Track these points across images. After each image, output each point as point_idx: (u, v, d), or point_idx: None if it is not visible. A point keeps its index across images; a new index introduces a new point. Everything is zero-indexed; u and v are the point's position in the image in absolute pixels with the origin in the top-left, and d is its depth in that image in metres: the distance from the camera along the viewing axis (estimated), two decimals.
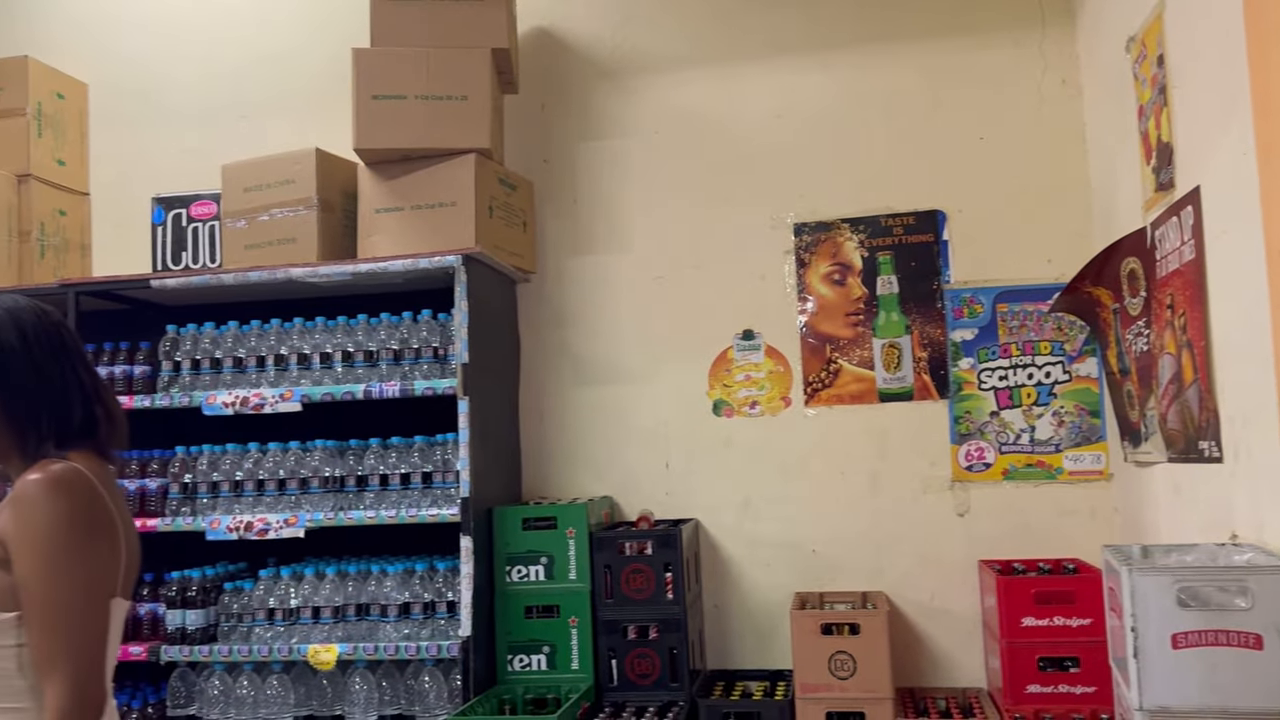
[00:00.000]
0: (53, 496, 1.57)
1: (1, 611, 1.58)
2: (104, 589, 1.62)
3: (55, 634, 1.55)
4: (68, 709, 1.53)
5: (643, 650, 2.98)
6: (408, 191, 3.13)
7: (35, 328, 1.70)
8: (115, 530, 1.65)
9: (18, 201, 3.49)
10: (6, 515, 1.59)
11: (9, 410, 1.66)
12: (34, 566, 1.55)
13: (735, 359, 3.40)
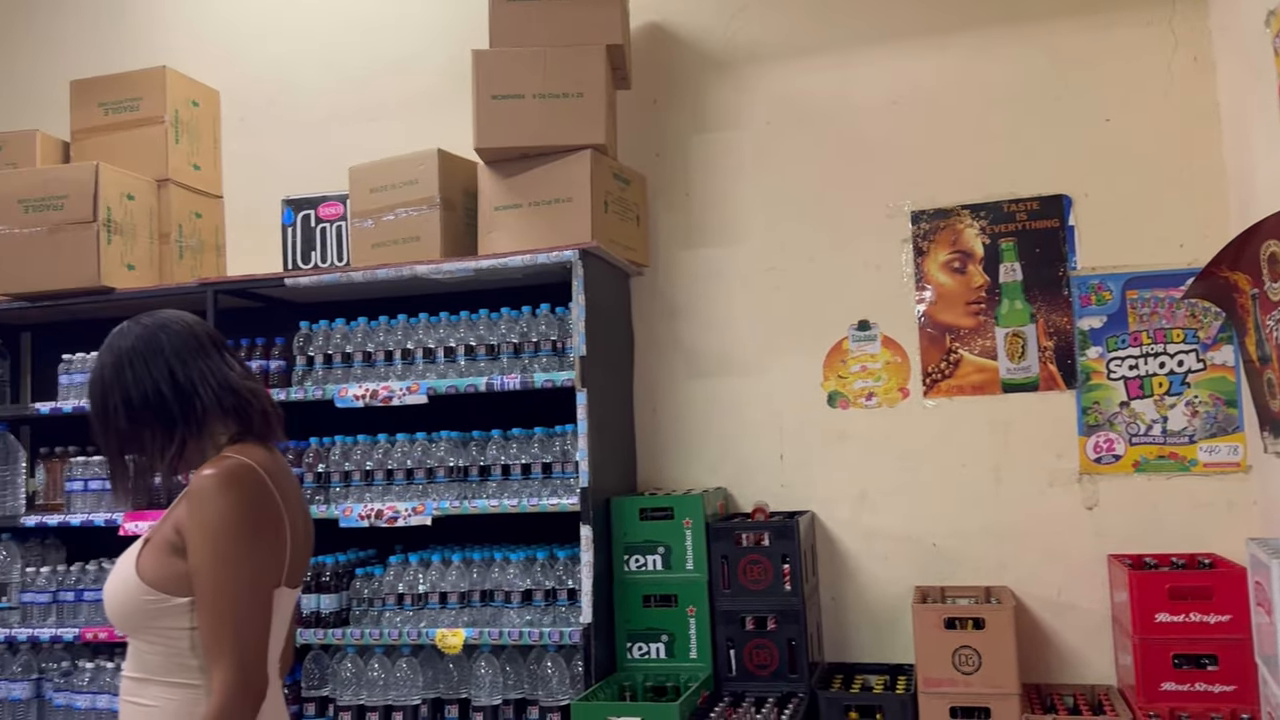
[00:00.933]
0: (223, 491, 1.68)
1: (177, 596, 1.69)
2: (268, 580, 1.72)
3: (222, 622, 1.65)
4: (231, 693, 1.63)
5: (761, 641, 2.99)
6: (525, 188, 3.20)
7: (173, 338, 1.81)
8: (282, 523, 1.75)
9: (158, 205, 3.68)
10: (183, 507, 1.71)
11: (158, 421, 1.77)
12: (204, 557, 1.66)
13: (850, 350, 3.37)
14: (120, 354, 1.79)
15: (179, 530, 1.70)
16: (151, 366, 1.78)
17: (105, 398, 1.79)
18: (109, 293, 3.44)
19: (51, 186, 3.43)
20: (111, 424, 1.78)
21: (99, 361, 1.81)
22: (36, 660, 3.48)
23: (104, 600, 1.79)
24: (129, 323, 1.85)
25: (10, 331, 3.96)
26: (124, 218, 3.49)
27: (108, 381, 1.79)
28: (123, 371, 1.78)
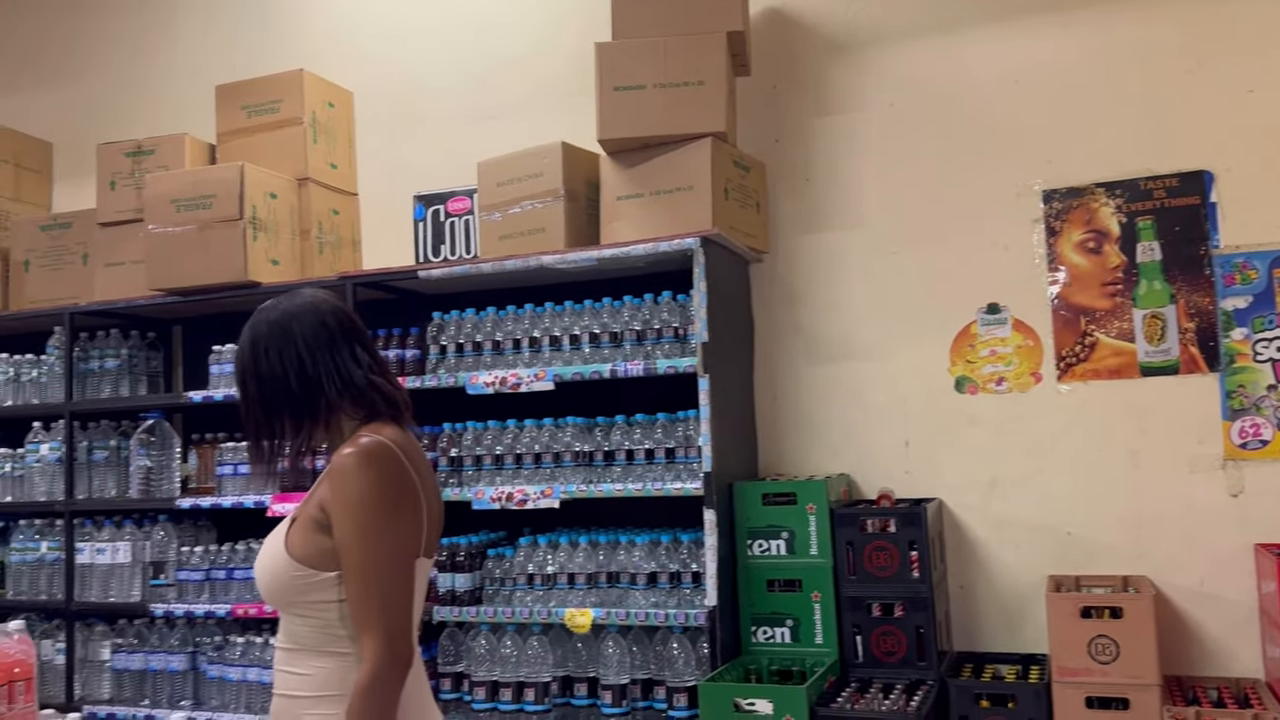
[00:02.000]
0: (362, 469, 1.75)
1: (324, 571, 1.78)
2: (410, 551, 1.80)
3: (369, 593, 1.73)
4: (382, 662, 1.71)
5: (888, 628, 2.97)
6: (647, 178, 3.24)
7: (305, 329, 1.89)
8: (418, 496, 1.83)
9: (298, 203, 3.86)
10: (326, 486, 1.80)
11: (291, 404, 1.86)
12: (349, 532, 1.74)
13: (979, 334, 3.31)
14: (255, 342, 1.89)
15: (323, 508, 1.79)
16: (283, 357, 1.85)
17: (243, 381, 1.89)
18: (255, 287, 3.63)
19: (201, 187, 3.64)
20: (248, 405, 1.88)
21: (240, 344, 1.92)
22: (191, 635, 3.70)
23: (255, 577, 1.89)
24: (270, 305, 1.94)
25: (163, 325, 4.22)
26: (268, 215, 3.68)
27: (245, 365, 1.89)
28: (258, 359, 1.87)
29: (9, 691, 2.27)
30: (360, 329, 1.97)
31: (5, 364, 4.12)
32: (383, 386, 1.92)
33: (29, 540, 3.95)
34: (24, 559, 3.96)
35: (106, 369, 3.98)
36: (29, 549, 3.94)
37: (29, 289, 4.16)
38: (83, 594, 3.81)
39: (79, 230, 4.11)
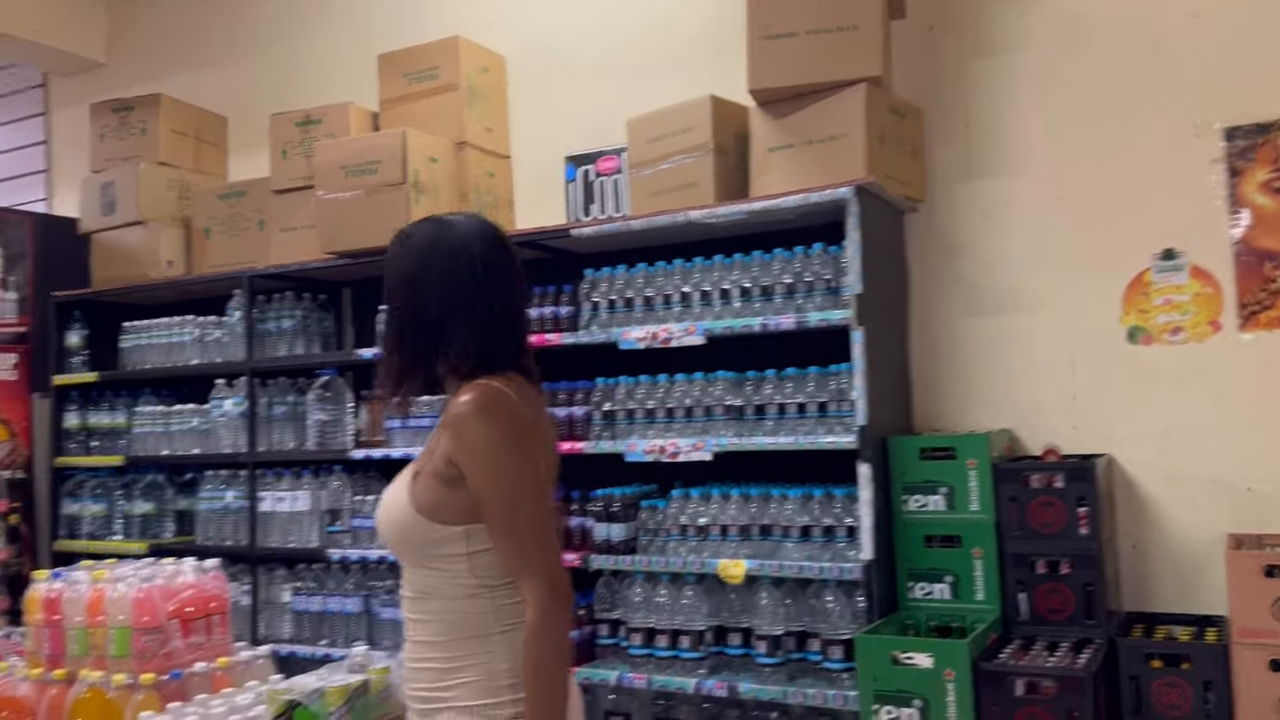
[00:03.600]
0: (483, 416, 1.75)
1: (451, 525, 1.80)
2: (547, 490, 1.85)
3: (523, 538, 1.76)
4: (547, 600, 1.75)
5: (1054, 585, 2.88)
6: (798, 128, 3.19)
7: (442, 261, 1.87)
8: (540, 438, 1.87)
9: (456, 166, 3.98)
10: (448, 438, 1.79)
11: (415, 339, 1.87)
12: (487, 482, 1.76)
13: (1153, 281, 3.14)
14: (397, 271, 1.92)
15: (450, 461, 1.78)
16: (416, 291, 1.87)
17: (389, 305, 1.95)
18: None
19: (367, 153, 3.80)
20: (388, 329, 1.95)
21: (386, 270, 1.96)
22: (365, 579, 3.92)
23: (378, 529, 1.92)
24: (415, 229, 1.95)
25: (332, 287, 4.44)
26: (429, 179, 3.81)
27: (390, 292, 1.94)
28: (395, 290, 1.91)
29: (207, 624, 2.47)
30: (500, 263, 1.94)
31: (191, 325, 4.42)
32: (500, 334, 1.90)
33: (216, 490, 4.25)
34: (212, 507, 4.26)
35: (283, 329, 4.22)
36: (216, 498, 4.24)
37: (210, 254, 4.44)
38: (265, 540, 4.08)
39: (254, 198, 4.36)
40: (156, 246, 4.51)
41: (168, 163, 4.66)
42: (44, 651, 2.41)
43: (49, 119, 5.77)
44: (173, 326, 4.46)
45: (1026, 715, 2.52)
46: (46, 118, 5.76)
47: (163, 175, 4.62)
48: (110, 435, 4.64)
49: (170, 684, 2.31)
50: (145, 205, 4.53)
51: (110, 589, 2.34)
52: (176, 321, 4.46)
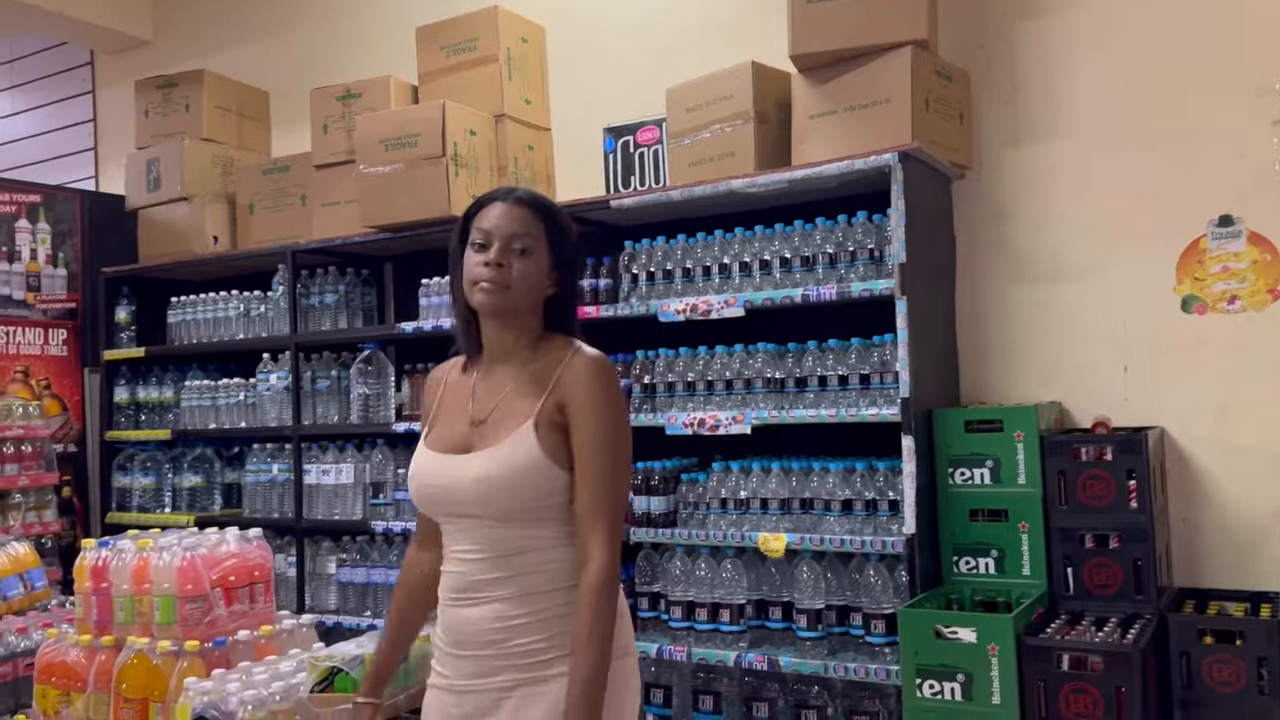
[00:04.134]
0: (606, 377, 1.87)
1: (563, 469, 1.85)
2: (631, 461, 1.90)
3: (607, 499, 1.82)
4: (607, 564, 1.79)
5: (1102, 560, 2.82)
6: (841, 93, 3.13)
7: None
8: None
9: (495, 139, 3.96)
10: (565, 387, 1.86)
11: (564, 297, 1.96)
12: (596, 438, 1.83)
13: (1209, 249, 3.04)
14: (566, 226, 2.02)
15: (561, 408, 1.85)
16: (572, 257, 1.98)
17: (570, 258, 2.00)
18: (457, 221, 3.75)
19: (406, 126, 3.79)
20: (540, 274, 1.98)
21: (564, 223, 2.02)
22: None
23: (494, 483, 1.83)
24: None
25: (375, 262, 4.45)
26: (468, 152, 3.80)
27: (572, 244, 2.00)
28: (575, 247, 2.01)
29: (250, 593, 2.50)
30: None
31: (236, 300, 4.47)
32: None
33: (262, 462, 4.30)
34: (258, 480, 4.32)
35: (326, 304, 4.24)
36: (262, 470, 4.29)
37: (254, 230, 4.47)
38: (310, 512, 4.12)
39: (297, 173, 4.38)
40: (202, 222, 4.56)
41: (211, 139, 4.70)
42: (92, 618, 2.45)
43: (96, 97, 5.85)
44: (218, 302, 4.51)
45: (1072, 691, 2.47)
46: (94, 95, 5.85)
47: (207, 151, 4.66)
48: (158, 409, 4.72)
49: (214, 651, 2.34)
50: (189, 181, 4.57)
51: (155, 557, 2.37)
52: (221, 297, 4.51)
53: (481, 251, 1.88)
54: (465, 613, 1.87)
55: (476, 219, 1.93)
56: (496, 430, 1.89)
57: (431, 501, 1.93)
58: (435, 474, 1.92)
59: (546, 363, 1.90)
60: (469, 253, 1.90)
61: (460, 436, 1.92)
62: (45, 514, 4.26)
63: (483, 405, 1.92)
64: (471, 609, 1.87)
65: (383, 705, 2.02)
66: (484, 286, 1.85)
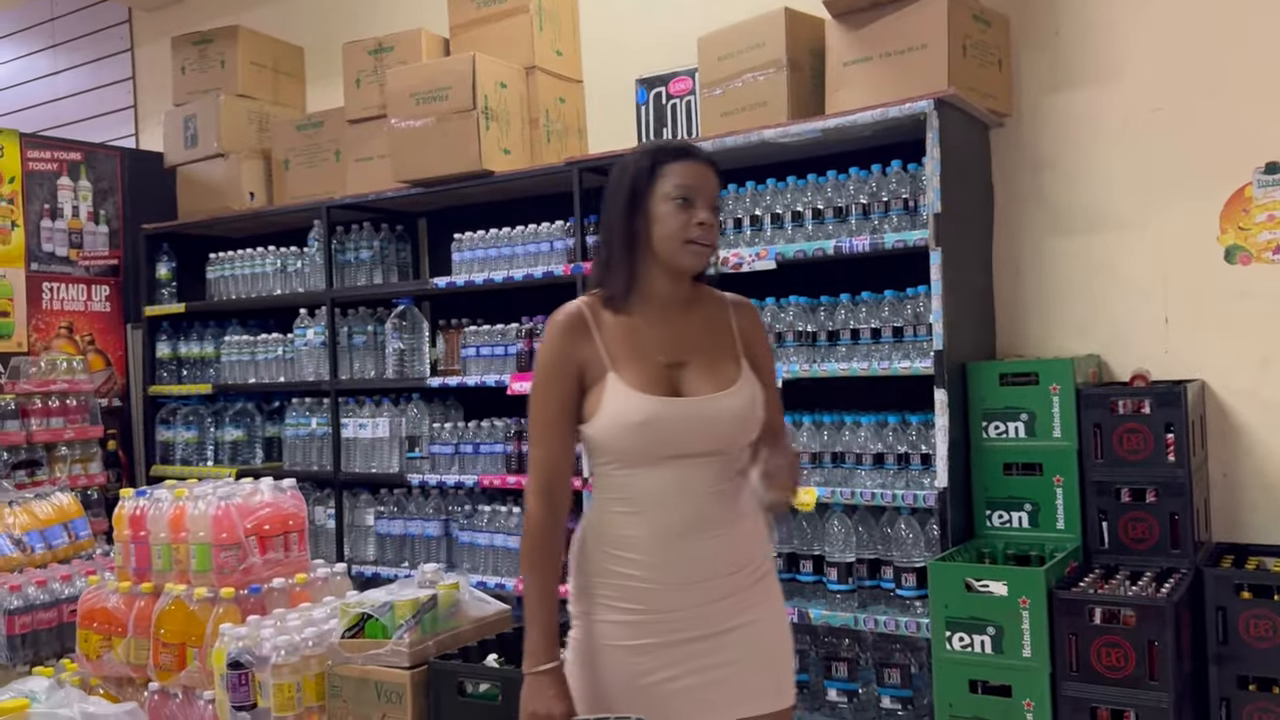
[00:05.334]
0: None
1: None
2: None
3: (780, 412, 2.05)
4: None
5: (1138, 514, 2.78)
6: (876, 39, 3.06)
7: (614, 179, 1.95)
8: None
9: (526, 92, 3.93)
10: (750, 328, 2.01)
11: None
12: (771, 366, 2.05)
13: (1255, 197, 2.95)
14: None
15: (746, 347, 1.97)
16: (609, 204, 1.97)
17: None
18: (488, 176, 3.75)
19: (436, 79, 3.78)
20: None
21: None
22: (444, 503, 3.99)
23: (748, 420, 1.91)
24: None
25: (408, 218, 4.46)
26: (498, 105, 3.77)
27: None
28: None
29: (285, 541, 2.54)
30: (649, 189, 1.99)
31: (273, 256, 4.51)
32: (620, 265, 2.02)
33: (300, 416, 4.36)
34: (297, 434, 4.38)
35: (361, 259, 4.27)
36: (301, 424, 4.35)
37: (289, 186, 4.50)
38: (348, 465, 4.18)
39: (330, 128, 4.39)
40: (238, 178, 4.59)
41: (247, 95, 4.72)
42: (131, 566, 2.51)
43: (135, 54, 5.89)
44: (255, 258, 4.55)
45: (1105, 644, 2.45)
46: (132, 53, 5.89)
47: (242, 107, 4.68)
48: (199, 364, 4.80)
49: (250, 598, 2.39)
50: (225, 137, 4.60)
51: (191, 506, 2.42)
52: (258, 253, 4.55)
53: (686, 208, 1.86)
54: (700, 547, 1.86)
55: (672, 171, 1.88)
56: (713, 371, 1.91)
57: (659, 442, 1.85)
58: (683, 414, 1.86)
59: (712, 309, 1.99)
60: (668, 207, 1.86)
61: (664, 379, 1.88)
62: (90, 466, 4.36)
63: (677, 348, 1.91)
64: (706, 543, 1.87)
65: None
66: (697, 249, 1.87)
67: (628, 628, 1.85)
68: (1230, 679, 2.60)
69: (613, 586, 1.87)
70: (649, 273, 1.91)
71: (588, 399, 1.89)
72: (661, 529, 1.86)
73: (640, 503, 1.86)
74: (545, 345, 1.92)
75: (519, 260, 3.79)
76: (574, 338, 1.91)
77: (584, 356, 1.89)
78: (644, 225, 1.88)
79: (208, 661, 2.28)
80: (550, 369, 1.91)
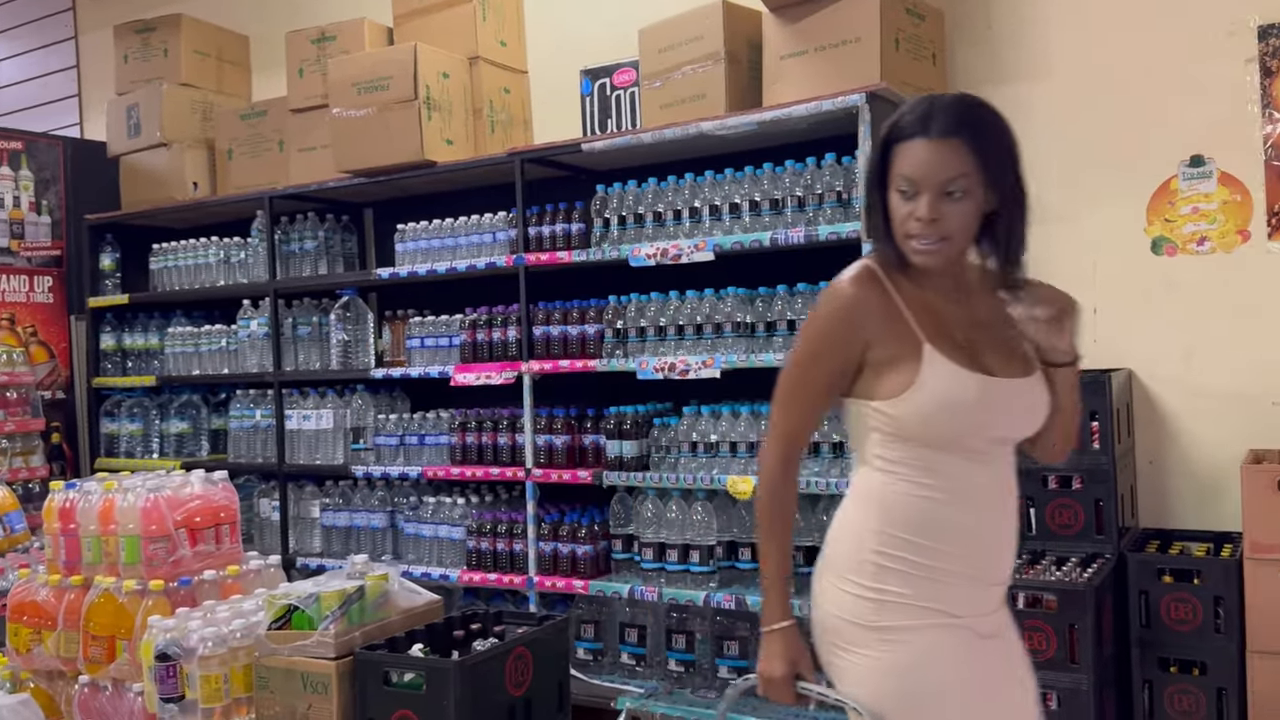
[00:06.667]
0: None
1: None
2: None
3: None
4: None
5: (1064, 500, 2.84)
6: (811, 33, 3.09)
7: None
8: None
9: (470, 82, 3.92)
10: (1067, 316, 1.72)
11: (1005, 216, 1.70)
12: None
13: (1180, 189, 3.02)
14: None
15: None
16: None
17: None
18: (431, 166, 3.75)
19: (378, 69, 3.76)
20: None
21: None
22: (390, 495, 3.99)
23: (1042, 409, 1.73)
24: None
25: (354, 208, 4.45)
26: (441, 95, 3.77)
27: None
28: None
29: (216, 534, 2.53)
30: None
31: (217, 247, 4.47)
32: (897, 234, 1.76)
33: (245, 408, 4.34)
34: (242, 426, 4.35)
35: (306, 250, 4.24)
36: (245, 416, 4.33)
37: (233, 176, 4.46)
38: (293, 457, 4.16)
39: (274, 118, 4.35)
40: (182, 168, 4.55)
41: (190, 84, 4.67)
42: (61, 559, 2.49)
43: (79, 42, 5.80)
44: (198, 249, 4.51)
45: (1028, 628, 2.51)
46: (76, 41, 5.80)
47: (185, 96, 4.63)
48: (144, 356, 4.75)
49: (180, 590, 2.38)
50: (168, 127, 4.55)
51: (120, 499, 2.41)
52: (201, 244, 4.51)
53: (909, 201, 1.64)
54: (1006, 543, 1.73)
55: (897, 155, 1.66)
56: (1011, 354, 1.71)
57: (984, 425, 1.67)
58: (1006, 397, 1.67)
59: (987, 286, 1.74)
60: (895, 198, 1.67)
61: (973, 357, 1.68)
62: (32, 459, 4.31)
63: (972, 327, 1.71)
64: (1010, 538, 1.74)
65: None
66: (917, 246, 1.65)
67: (947, 631, 1.67)
68: (1152, 661, 2.67)
69: (910, 579, 1.67)
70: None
71: (885, 373, 1.67)
72: (979, 519, 1.68)
73: (958, 490, 1.66)
74: (830, 307, 1.71)
75: (462, 251, 3.79)
76: (869, 306, 1.69)
77: (880, 326, 1.68)
78: (886, 208, 1.69)
79: (137, 654, 2.27)
80: (831, 335, 1.70)
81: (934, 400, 1.63)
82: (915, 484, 1.67)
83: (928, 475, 1.67)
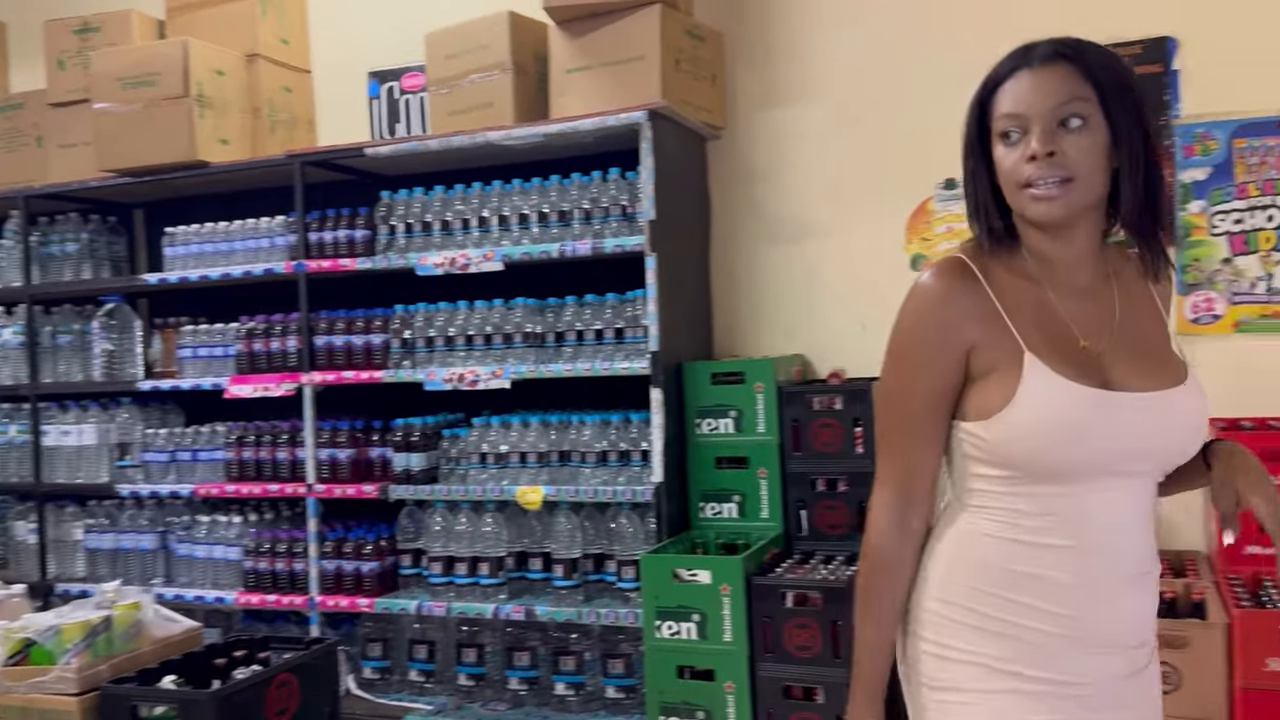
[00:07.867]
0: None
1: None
2: None
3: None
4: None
5: (831, 502, 2.99)
6: (595, 49, 3.14)
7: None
8: None
9: (248, 80, 3.76)
10: (1162, 288, 1.52)
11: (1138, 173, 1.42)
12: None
13: (936, 210, 3.25)
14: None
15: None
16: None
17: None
18: (204, 166, 3.57)
19: (145, 64, 3.55)
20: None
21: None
22: (160, 514, 3.76)
23: (1189, 429, 1.43)
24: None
25: (123, 209, 4.17)
26: (215, 93, 3.59)
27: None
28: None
29: None
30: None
31: None
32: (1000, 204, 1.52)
33: None
34: None
35: (67, 253, 3.95)
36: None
37: None
38: (51, 476, 3.86)
39: (31, 111, 4.04)
40: None
41: None
42: None
43: None
44: None
45: (796, 625, 2.63)
46: None
47: None
48: None
49: None
50: None
51: None
52: None
53: (1016, 145, 1.40)
54: (1128, 601, 1.42)
55: (997, 102, 1.44)
56: (1148, 359, 1.43)
57: (1097, 450, 1.37)
58: (1130, 415, 1.38)
59: (1131, 276, 1.48)
60: (1000, 149, 1.43)
61: (1091, 366, 1.40)
62: None
63: (1094, 326, 1.44)
64: (1136, 595, 1.43)
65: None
66: (1036, 192, 1.38)
67: (1026, 699, 1.40)
68: None
69: (1002, 641, 1.41)
70: (1024, 231, 1.46)
71: (977, 387, 1.42)
72: (1084, 569, 1.39)
73: (1058, 532, 1.39)
74: (918, 309, 1.46)
75: (238, 256, 3.62)
76: (963, 303, 1.43)
77: (978, 328, 1.42)
78: (990, 171, 1.46)
79: None
80: (925, 342, 1.44)
81: (1033, 421, 1.36)
82: (1005, 524, 1.42)
83: (1026, 516, 1.41)
